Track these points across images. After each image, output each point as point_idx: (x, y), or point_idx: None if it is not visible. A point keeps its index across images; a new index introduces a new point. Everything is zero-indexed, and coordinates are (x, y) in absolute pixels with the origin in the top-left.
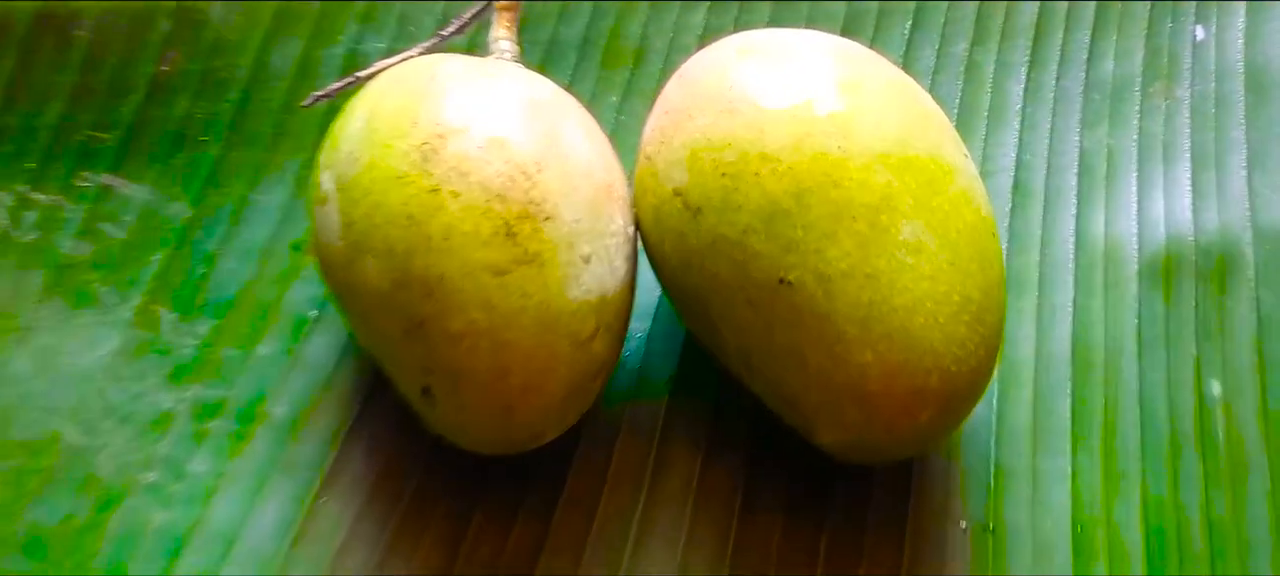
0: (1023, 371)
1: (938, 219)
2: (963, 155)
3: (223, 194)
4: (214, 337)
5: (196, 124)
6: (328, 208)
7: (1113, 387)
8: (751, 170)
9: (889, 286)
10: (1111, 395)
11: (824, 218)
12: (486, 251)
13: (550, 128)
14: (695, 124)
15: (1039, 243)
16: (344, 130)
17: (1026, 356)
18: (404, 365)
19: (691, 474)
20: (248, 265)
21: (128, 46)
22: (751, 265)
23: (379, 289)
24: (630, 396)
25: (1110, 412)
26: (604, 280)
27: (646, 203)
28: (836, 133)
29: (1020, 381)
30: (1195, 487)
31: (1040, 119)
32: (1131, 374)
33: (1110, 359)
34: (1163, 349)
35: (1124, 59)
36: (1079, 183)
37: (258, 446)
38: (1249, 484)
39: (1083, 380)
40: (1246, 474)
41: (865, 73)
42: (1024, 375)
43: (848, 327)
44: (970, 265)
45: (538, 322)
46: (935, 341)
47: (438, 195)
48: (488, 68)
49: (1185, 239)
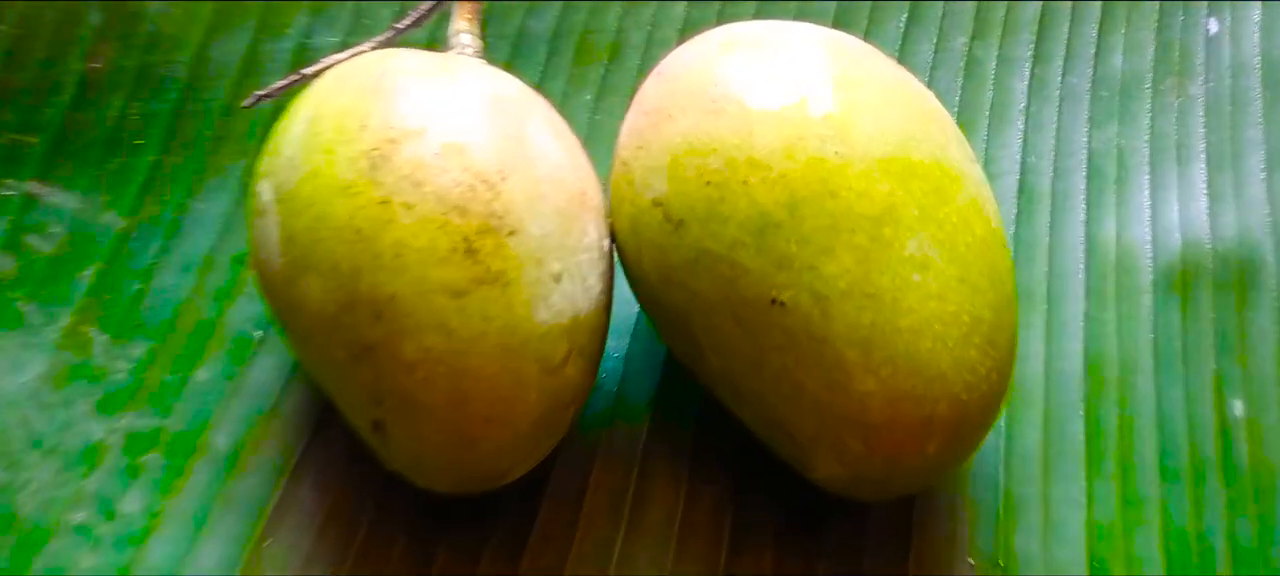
0: (1032, 391)
1: (945, 231)
2: (970, 160)
3: (160, 203)
4: (149, 361)
5: (131, 126)
6: (266, 220)
7: (1128, 408)
8: (739, 178)
9: (893, 307)
10: (1127, 416)
11: (820, 231)
12: (443, 270)
13: (515, 130)
14: (676, 126)
15: (1047, 251)
16: (285, 134)
17: (1036, 375)
18: (352, 396)
19: (674, 506)
20: (187, 281)
21: (54, 41)
22: (740, 283)
23: (323, 311)
24: (606, 421)
25: (1126, 435)
26: (576, 299)
27: (623, 213)
28: (833, 136)
29: (1030, 402)
30: (1218, 514)
31: (1046, 118)
32: (1148, 392)
33: (1125, 376)
34: (1181, 365)
35: (1133, 54)
36: (1088, 186)
37: (197, 481)
38: (1276, 509)
39: (1096, 400)
40: (1274, 498)
41: (863, 69)
42: (1033, 395)
43: (847, 352)
44: (981, 282)
45: (501, 348)
46: (944, 366)
47: (388, 207)
48: (446, 64)
49: (1202, 246)
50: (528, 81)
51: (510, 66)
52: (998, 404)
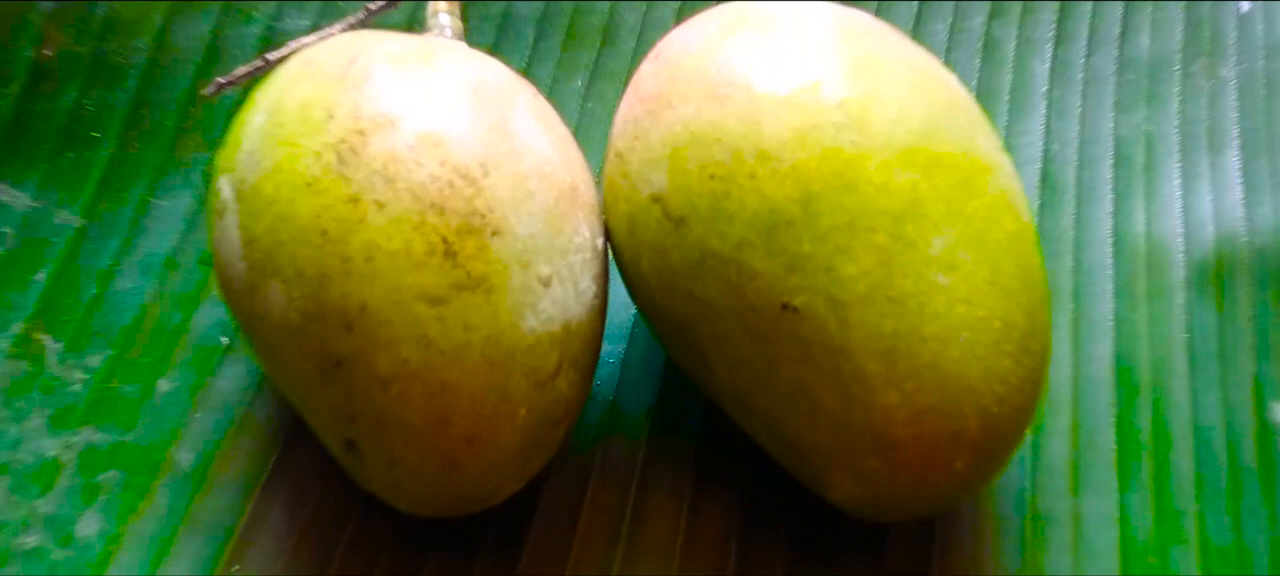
0: (1059, 398)
1: (974, 228)
2: (998, 149)
3: (118, 199)
4: (108, 371)
5: (86, 117)
6: (226, 221)
7: (1162, 414)
8: (746, 171)
9: (917, 312)
10: (1161, 423)
11: (836, 229)
12: (420, 275)
13: (499, 120)
14: (676, 115)
15: (1072, 246)
16: (245, 126)
17: (1063, 380)
18: (322, 413)
19: (676, 526)
20: (148, 283)
21: (2, 26)
22: (748, 287)
23: (287, 322)
24: (602, 434)
25: (1161, 443)
26: (567, 306)
27: (619, 210)
28: (850, 124)
29: (1058, 409)
30: (1260, 527)
31: (1069, 103)
32: (1183, 397)
33: (1158, 380)
34: (1217, 367)
35: (1161, 34)
36: (1115, 176)
37: (159, 502)
38: None
39: (1128, 406)
40: None
41: (881, 50)
42: (1061, 402)
43: (867, 363)
44: (1013, 283)
45: (486, 361)
46: (973, 378)
47: (358, 206)
48: (423, 48)
49: (1237, 239)
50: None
51: (494, 51)
52: (1030, 416)
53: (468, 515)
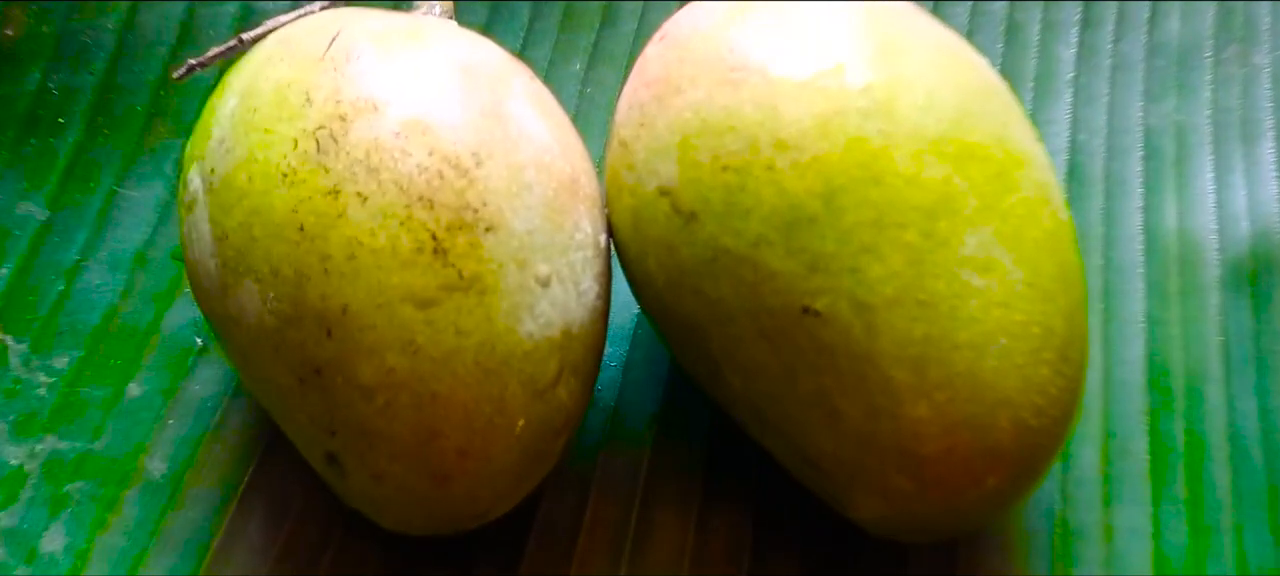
0: (1090, 403)
1: (1011, 225)
2: (1032, 138)
3: (85, 189)
4: (74, 375)
5: (52, 102)
6: (196, 214)
7: (1197, 420)
8: (763, 162)
9: (950, 317)
10: (1196, 429)
11: (862, 226)
12: (406, 275)
13: (492, 105)
14: (685, 100)
15: (1101, 242)
16: (216, 111)
17: (1093, 384)
18: (301, 425)
19: (682, 543)
20: (117, 280)
21: None
22: (765, 288)
23: (263, 326)
24: (603, 443)
25: (1195, 451)
26: (568, 308)
27: (623, 204)
28: (876, 111)
29: (1088, 415)
30: None
31: (1096, 90)
32: (1218, 402)
33: (1192, 384)
34: (1253, 370)
35: (1191, 18)
36: (1145, 168)
37: (129, 515)
38: None
39: (1161, 412)
40: None
41: (908, 30)
42: (1092, 407)
43: (896, 372)
44: (1052, 285)
45: (479, 368)
46: (1010, 388)
47: (338, 198)
48: (410, 26)
49: (1274, 235)
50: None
51: (487, 32)
52: (1068, 429)
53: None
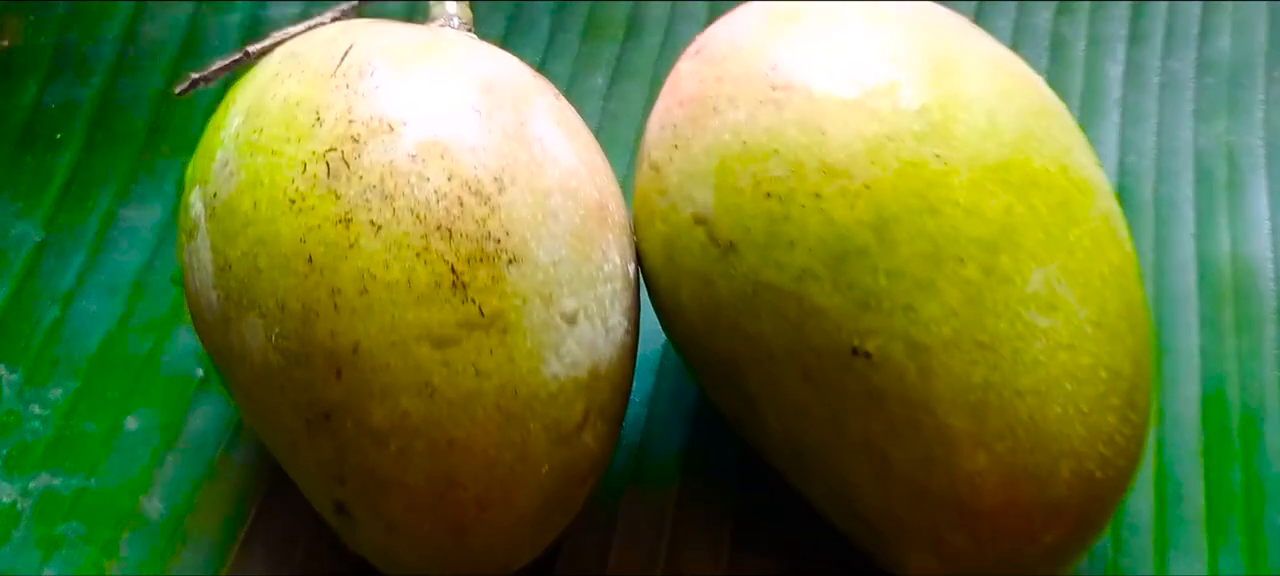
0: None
1: (1077, 260)
2: (1095, 164)
3: (83, 210)
4: (70, 407)
5: (49, 117)
6: (197, 241)
7: (1255, 461)
8: (809, 189)
9: (1012, 360)
10: (1254, 472)
11: (917, 259)
12: (423, 311)
13: (516, 126)
14: (723, 121)
15: (1152, 271)
16: (219, 131)
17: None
18: (308, 470)
19: None
20: (114, 306)
21: None
22: (811, 327)
23: (268, 364)
24: (627, 484)
25: (1255, 495)
26: (596, 346)
27: (654, 231)
28: (932, 134)
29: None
30: None
31: (1145, 110)
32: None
33: (1250, 423)
34: None
35: (1242, 34)
36: (1196, 192)
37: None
38: None
39: (1218, 452)
40: None
41: (962, 45)
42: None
43: (952, 419)
44: (1119, 325)
45: (500, 413)
46: (1076, 438)
47: (350, 227)
48: (427, 39)
49: None
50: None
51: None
52: (1132, 479)
53: None
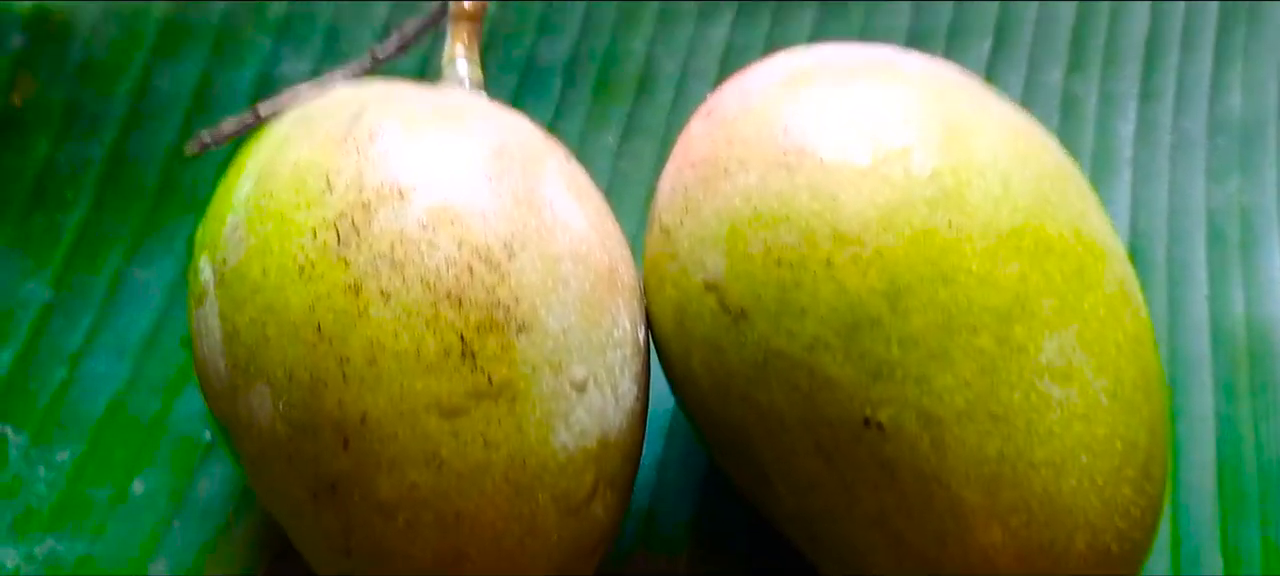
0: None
1: (1092, 328)
2: (1109, 229)
3: (92, 268)
4: (77, 470)
5: (59, 175)
6: (206, 308)
7: (1274, 526)
8: (820, 256)
9: (1026, 432)
10: (1273, 538)
11: (931, 329)
12: (432, 381)
13: (526, 191)
14: (734, 185)
15: (1166, 332)
16: (228, 195)
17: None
18: (314, 542)
19: None
20: (122, 368)
21: None
22: (822, 397)
23: (275, 433)
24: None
25: (1273, 563)
26: (606, 414)
27: (665, 297)
28: (946, 201)
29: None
30: None
31: (1157, 169)
32: None
33: (1268, 489)
34: None
35: (1254, 92)
36: (1208, 253)
37: None
38: None
39: (1235, 519)
40: None
41: (975, 109)
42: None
43: (966, 493)
44: (1135, 394)
45: (509, 485)
46: (1092, 511)
47: (360, 295)
48: (438, 102)
49: None
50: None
51: (516, 101)
52: (1148, 552)
53: None
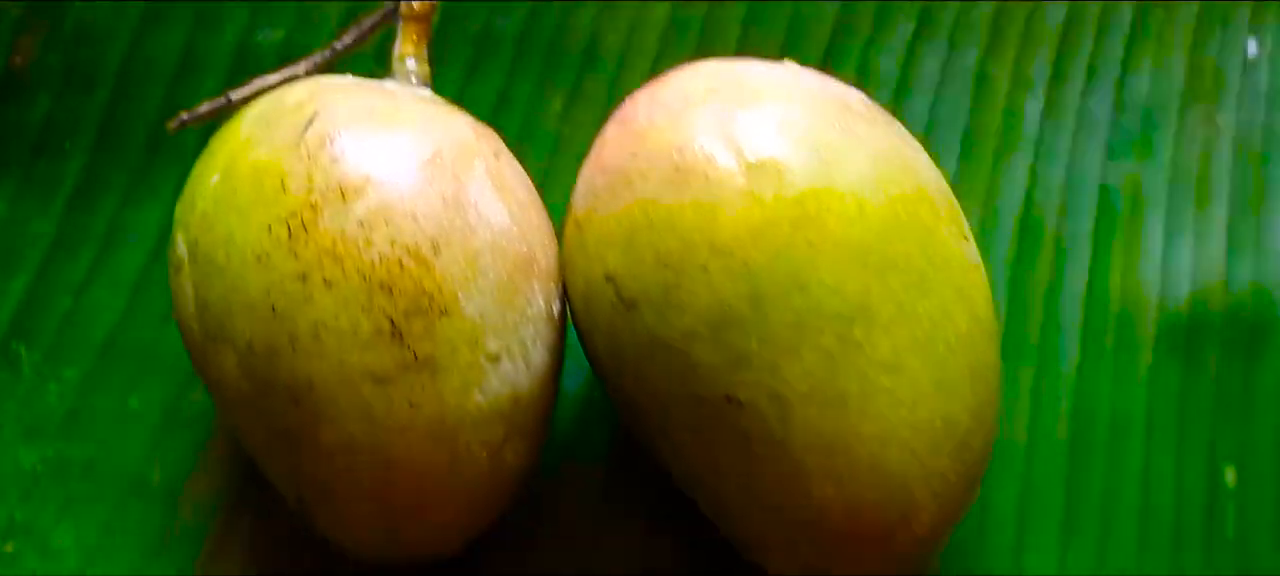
0: (1013, 453)
1: (924, 329)
2: (962, 237)
3: (90, 212)
4: (82, 385)
5: (59, 128)
6: (182, 278)
7: (1116, 474)
8: (699, 262)
9: (859, 414)
10: (1114, 483)
11: (784, 328)
12: (366, 354)
13: (454, 193)
14: (634, 193)
15: (1043, 298)
16: (199, 182)
17: (1019, 435)
18: (273, 471)
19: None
20: (119, 298)
21: None
22: (693, 378)
23: (239, 387)
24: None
25: (1110, 503)
26: (517, 380)
27: (575, 280)
28: (807, 221)
29: (1010, 463)
30: None
31: (1058, 146)
32: (1137, 458)
33: (1116, 440)
34: (1175, 430)
35: (1162, 75)
36: (1095, 226)
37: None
38: None
39: (1082, 465)
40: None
41: (845, 138)
42: (1014, 456)
43: (806, 458)
44: (959, 384)
45: (430, 437)
46: (911, 476)
47: (307, 283)
48: (384, 107)
49: (1213, 299)
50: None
51: (471, 70)
52: (970, 501)
53: None
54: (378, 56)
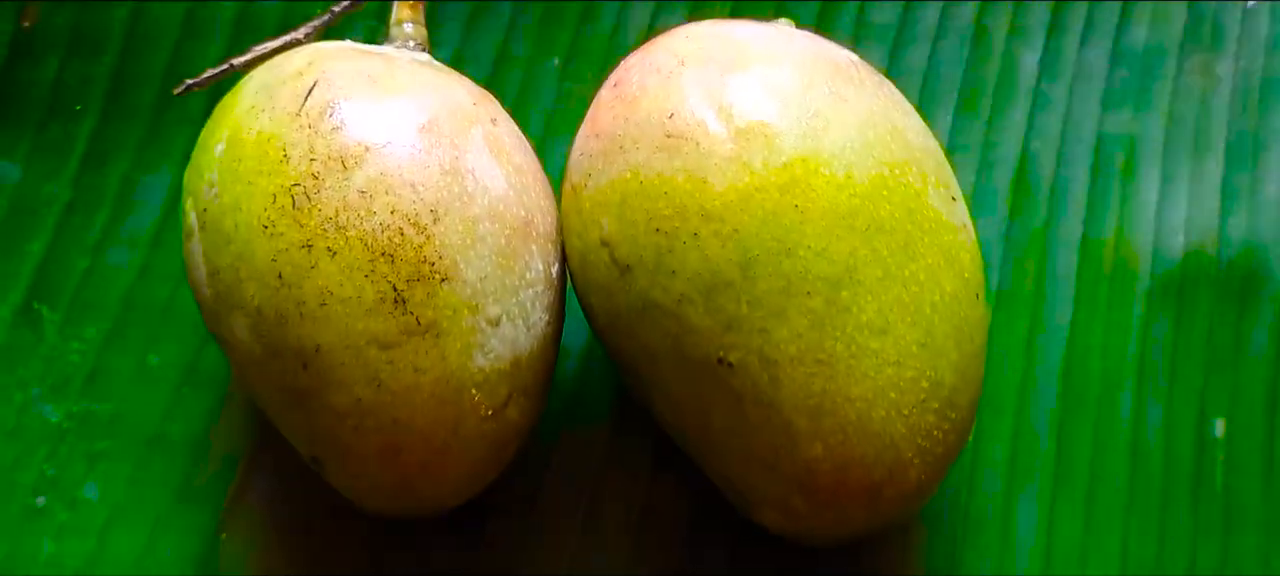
0: (1005, 402)
1: (910, 292)
2: (951, 199)
3: (103, 172)
4: (103, 344)
5: (69, 90)
6: (193, 245)
7: (1106, 424)
8: (690, 228)
9: (846, 374)
10: (1104, 432)
11: (773, 292)
12: (371, 321)
13: (452, 161)
14: (627, 160)
15: (1039, 249)
16: (206, 151)
17: (1011, 384)
18: (289, 431)
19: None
20: (135, 257)
21: None
22: (686, 340)
23: (252, 352)
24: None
25: (1100, 452)
26: (517, 341)
27: (573, 243)
28: (795, 186)
29: (1001, 412)
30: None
31: (1055, 97)
32: (1128, 408)
33: (1107, 391)
34: (1166, 380)
35: (1161, 25)
36: (1091, 178)
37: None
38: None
39: (1073, 414)
40: (1240, 527)
41: (837, 101)
42: (1006, 405)
43: (795, 418)
44: (945, 344)
45: (435, 399)
46: (897, 434)
47: (311, 252)
48: (382, 75)
49: (1206, 251)
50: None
51: (470, 27)
52: (955, 457)
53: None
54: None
